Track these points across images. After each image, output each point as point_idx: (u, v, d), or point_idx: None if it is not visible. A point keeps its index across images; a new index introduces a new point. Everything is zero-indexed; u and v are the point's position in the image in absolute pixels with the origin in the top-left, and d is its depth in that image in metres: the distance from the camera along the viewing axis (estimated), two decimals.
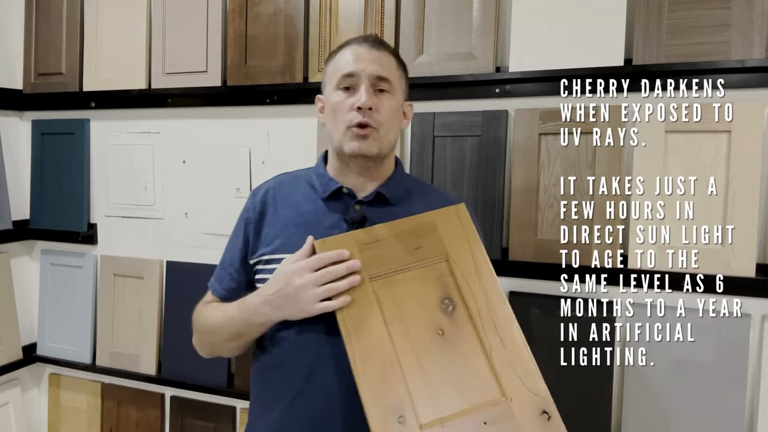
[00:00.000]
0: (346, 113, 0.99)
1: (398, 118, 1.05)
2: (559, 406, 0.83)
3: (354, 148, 0.99)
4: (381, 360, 0.85)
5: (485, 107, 1.45)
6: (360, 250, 0.92)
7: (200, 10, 1.72)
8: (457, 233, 0.96)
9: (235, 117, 1.74)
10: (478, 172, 1.45)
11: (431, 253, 0.94)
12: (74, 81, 1.89)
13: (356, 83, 1.00)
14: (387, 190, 1.05)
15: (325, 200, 1.04)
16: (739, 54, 1.23)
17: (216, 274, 1.13)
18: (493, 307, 0.90)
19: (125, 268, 1.89)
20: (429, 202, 1.04)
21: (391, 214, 1.00)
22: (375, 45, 1.02)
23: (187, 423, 1.83)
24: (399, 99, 1.05)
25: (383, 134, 1.01)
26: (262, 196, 1.08)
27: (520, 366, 0.86)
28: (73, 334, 1.96)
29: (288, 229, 1.03)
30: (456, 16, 1.47)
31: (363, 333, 0.87)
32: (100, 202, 1.94)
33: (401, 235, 0.95)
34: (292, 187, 1.09)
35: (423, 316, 0.89)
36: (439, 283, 0.92)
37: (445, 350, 0.87)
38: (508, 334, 0.88)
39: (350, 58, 1.01)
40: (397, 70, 1.05)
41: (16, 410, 1.97)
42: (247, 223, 1.07)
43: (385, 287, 0.91)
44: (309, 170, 1.12)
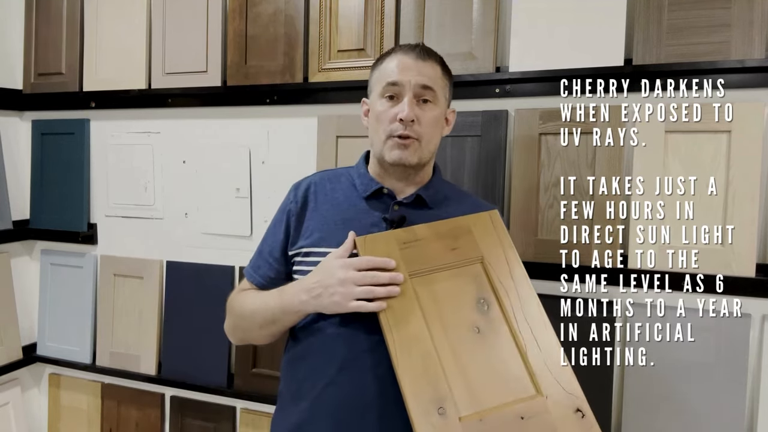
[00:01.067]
0: (388, 123, 1.02)
1: (440, 127, 1.09)
2: None
3: (395, 157, 1.02)
4: (420, 353, 0.87)
5: (485, 107, 1.45)
6: (400, 248, 0.96)
7: (200, 10, 1.72)
8: (491, 237, 1.00)
9: (235, 117, 1.74)
10: (478, 172, 1.45)
11: (467, 255, 0.97)
12: (74, 81, 1.89)
13: (400, 93, 1.02)
14: (426, 193, 1.08)
15: (366, 199, 1.07)
16: (739, 54, 1.23)
17: (253, 262, 1.15)
18: (528, 309, 0.93)
19: (125, 268, 1.89)
20: (464, 208, 1.08)
21: (428, 216, 1.04)
22: (421, 55, 1.04)
23: (187, 423, 1.83)
24: (442, 108, 1.07)
25: (424, 145, 1.04)
26: (304, 190, 1.11)
27: (555, 366, 0.88)
28: (73, 334, 1.96)
29: (328, 224, 1.06)
30: (456, 16, 1.47)
31: (403, 327, 0.89)
32: (100, 202, 1.94)
33: (439, 235, 0.98)
34: (334, 184, 1.12)
35: (460, 313, 0.92)
36: (475, 283, 0.95)
37: (482, 347, 0.90)
38: (543, 335, 0.91)
39: (395, 67, 1.03)
40: (442, 79, 1.07)
41: (16, 410, 1.97)
42: (289, 215, 1.09)
43: (423, 284, 0.94)
44: (350, 169, 1.15)
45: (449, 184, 1.19)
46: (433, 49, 1.09)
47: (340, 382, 0.97)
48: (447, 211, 1.08)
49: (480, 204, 1.14)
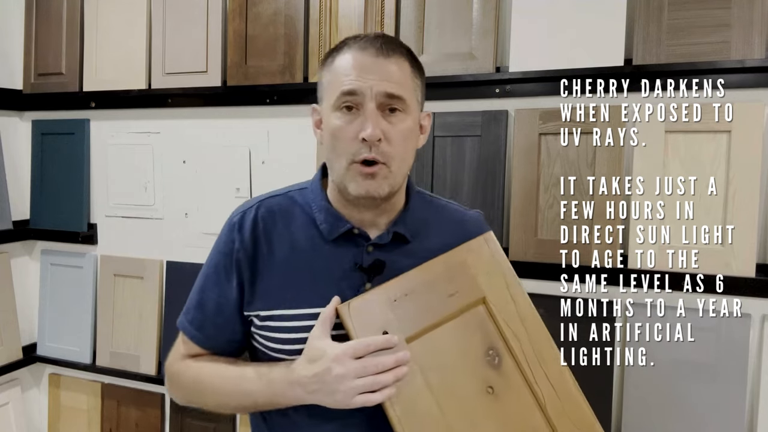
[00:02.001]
0: (348, 143, 0.81)
1: (414, 140, 0.89)
2: None
3: (359, 191, 0.82)
4: (431, 427, 0.79)
5: (485, 107, 1.45)
6: (391, 309, 0.82)
7: (200, 10, 1.72)
8: (491, 269, 0.87)
9: (235, 117, 1.74)
10: (478, 172, 1.45)
11: (467, 298, 0.85)
12: (74, 81, 1.89)
13: (359, 102, 0.81)
14: (405, 227, 0.90)
15: (332, 242, 0.88)
16: (739, 54, 1.22)
17: (191, 315, 0.92)
18: (541, 353, 0.84)
19: (125, 268, 1.89)
20: (447, 231, 0.93)
21: (409, 253, 0.88)
22: (383, 52, 0.82)
23: (187, 423, 1.83)
24: (414, 116, 0.87)
25: (395, 169, 0.84)
26: (251, 231, 0.89)
27: (578, 417, 0.81)
28: (73, 334, 1.96)
29: (291, 278, 0.87)
30: (456, 16, 1.47)
31: (410, 408, 0.78)
32: (100, 202, 1.94)
33: (432, 282, 0.85)
34: (287, 219, 0.90)
35: (469, 374, 0.82)
36: (480, 332, 0.84)
37: (498, 408, 0.81)
38: (561, 381, 0.83)
39: (351, 69, 0.81)
40: (413, 79, 0.86)
41: (16, 410, 1.96)
42: (239, 266, 0.88)
43: (424, 348, 0.82)
44: (304, 194, 0.93)
45: (426, 198, 0.99)
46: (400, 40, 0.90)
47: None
48: (430, 241, 0.91)
49: (464, 217, 0.98)
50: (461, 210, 1.01)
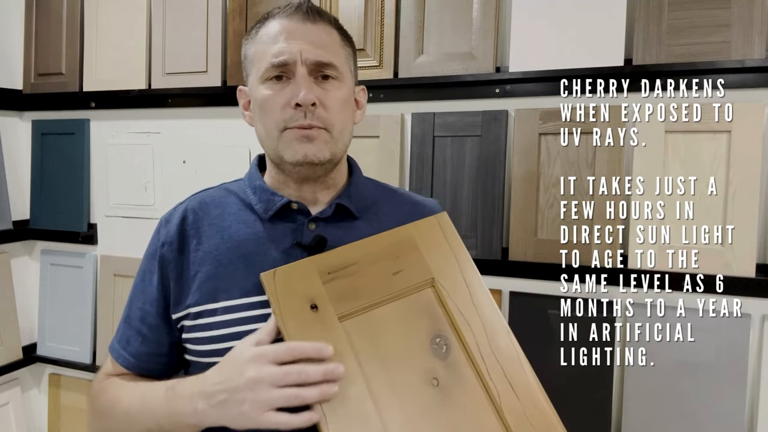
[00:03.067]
0: (280, 111, 0.76)
1: (350, 110, 0.83)
2: (559, 406, 0.83)
3: (298, 155, 0.76)
4: (361, 426, 0.66)
5: (485, 107, 1.45)
6: (324, 281, 0.73)
7: (200, 10, 1.72)
8: (443, 249, 0.78)
9: (235, 117, 1.74)
10: (478, 172, 1.45)
11: (414, 278, 0.76)
12: (74, 81, 1.89)
13: (289, 71, 0.76)
14: (350, 200, 0.83)
15: (269, 221, 0.81)
16: (739, 54, 1.23)
17: (121, 333, 0.84)
18: (496, 341, 0.73)
19: (125, 268, 1.89)
20: (400, 211, 0.86)
21: (355, 230, 0.81)
22: (309, 17, 0.78)
23: None
24: (348, 86, 0.81)
25: (336, 135, 0.78)
26: (178, 224, 0.82)
27: (539, 419, 0.70)
28: (73, 334, 1.96)
29: (222, 266, 0.78)
30: (456, 16, 1.47)
31: (339, 401, 0.65)
32: (100, 202, 1.94)
33: (374, 257, 0.76)
34: (220, 209, 0.83)
35: (411, 362, 0.71)
36: (427, 317, 0.74)
37: (443, 405, 0.69)
38: (519, 377, 0.72)
39: (278, 37, 0.76)
40: (343, 47, 0.81)
41: (16, 410, 1.96)
42: (164, 263, 0.81)
43: (360, 328, 0.71)
44: (239, 183, 0.88)
45: (373, 181, 0.92)
46: (324, 10, 0.83)
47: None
48: (379, 219, 0.83)
49: (419, 202, 0.91)
50: (417, 196, 0.95)
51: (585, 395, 1.34)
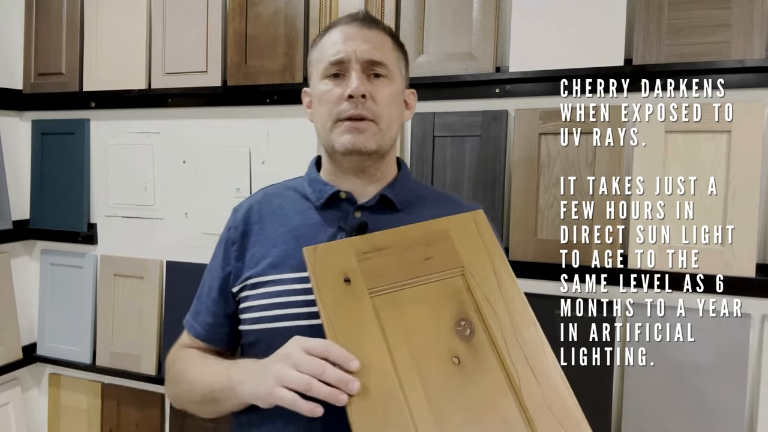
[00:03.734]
0: (334, 104, 0.85)
1: (399, 107, 0.91)
2: None
3: (347, 143, 0.84)
4: (383, 396, 0.68)
5: (485, 107, 1.45)
6: (359, 259, 0.78)
7: (200, 10, 1.72)
8: (475, 243, 0.82)
9: (235, 117, 1.74)
10: (478, 172, 1.45)
11: (444, 265, 0.79)
12: (74, 81, 1.89)
13: (345, 69, 0.86)
14: (393, 192, 0.91)
15: (320, 209, 0.91)
16: (739, 54, 1.23)
17: (193, 308, 0.97)
18: (521, 331, 0.74)
19: (125, 268, 1.89)
20: (442, 210, 0.90)
21: (397, 221, 0.86)
22: (366, 23, 0.88)
23: (187, 423, 1.83)
24: (398, 85, 0.90)
25: (384, 128, 0.86)
26: (244, 213, 0.94)
27: (559, 406, 0.70)
28: (73, 334, 1.96)
29: (278, 246, 0.88)
30: (456, 16, 1.47)
31: (361, 363, 0.70)
32: (100, 202, 1.94)
33: (408, 242, 0.80)
34: (281, 199, 0.95)
35: (435, 340, 0.74)
36: (454, 301, 0.77)
37: (462, 383, 0.71)
38: (541, 364, 0.72)
39: (337, 40, 0.87)
40: (395, 51, 0.91)
41: (16, 410, 1.96)
42: (228, 245, 0.93)
43: (388, 305, 0.75)
44: (299, 179, 0.99)
45: (421, 182, 1.02)
46: (381, 20, 0.94)
47: None
48: (421, 214, 0.89)
49: (463, 205, 0.97)
50: (460, 199, 1.03)
51: (585, 395, 1.34)
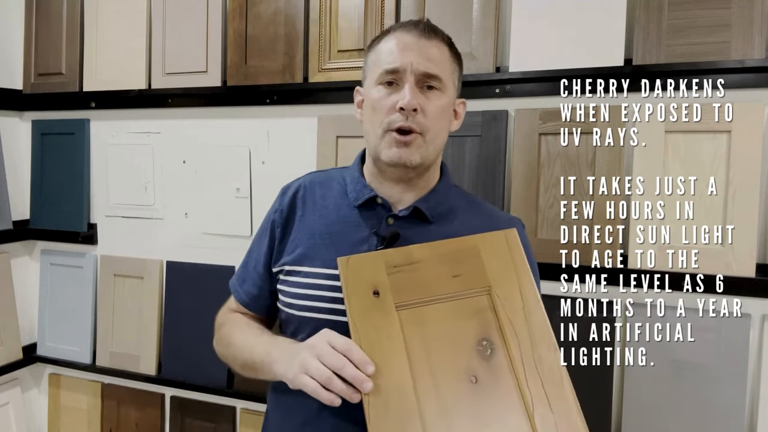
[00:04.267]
0: (386, 113, 0.87)
1: (447, 119, 0.93)
2: None
3: (393, 157, 0.87)
4: (399, 407, 0.72)
5: (485, 107, 1.45)
6: (389, 272, 0.81)
7: (200, 10, 1.72)
8: (505, 262, 0.83)
9: (235, 117, 1.74)
10: (478, 172, 1.45)
11: (471, 284, 0.81)
12: (74, 81, 1.89)
13: (400, 78, 0.87)
14: (427, 205, 0.93)
15: (357, 209, 0.94)
16: (739, 54, 1.23)
17: (239, 273, 1.04)
18: (540, 354, 0.76)
19: (125, 268, 1.89)
20: (474, 224, 0.92)
21: (428, 233, 0.89)
22: (425, 33, 0.89)
23: (187, 423, 1.83)
24: (450, 97, 0.92)
25: (429, 141, 0.88)
26: (291, 197, 0.99)
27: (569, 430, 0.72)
28: (73, 334, 1.96)
29: (314, 238, 0.93)
30: (456, 16, 1.47)
31: (382, 373, 0.74)
32: (100, 202, 1.94)
33: (439, 258, 0.82)
34: (324, 190, 0.98)
35: (455, 357, 0.76)
36: (477, 320, 0.79)
37: (478, 402, 0.73)
38: (557, 390, 0.74)
39: (394, 48, 0.88)
40: (451, 63, 0.92)
41: (16, 410, 1.97)
42: (274, 226, 0.98)
43: (413, 319, 0.78)
44: (344, 170, 1.02)
45: (459, 190, 1.03)
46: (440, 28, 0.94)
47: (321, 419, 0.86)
48: (453, 227, 0.92)
49: (497, 217, 0.98)
50: (498, 211, 1.05)
51: (585, 395, 1.34)
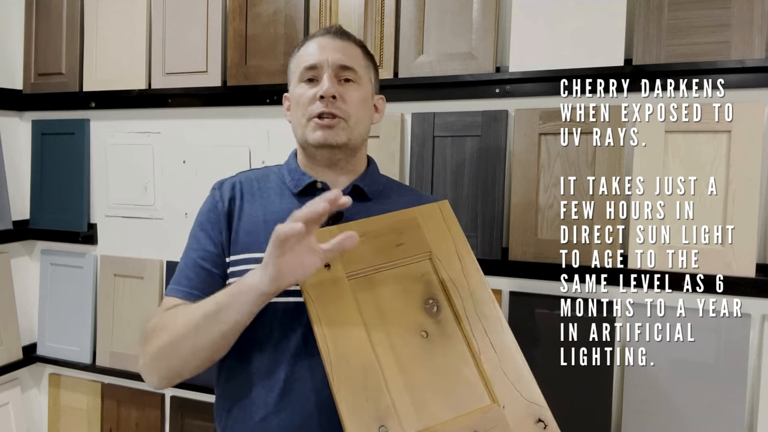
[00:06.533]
0: (308, 104, 0.94)
1: (368, 109, 1.01)
2: (558, 406, 0.83)
3: (318, 138, 0.93)
4: (360, 365, 0.78)
5: (485, 107, 1.45)
6: None
7: (200, 10, 1.72)
8: (441, 230, 0.91)
9: (235, 117, 1.74)
10: (478, 172, 1.45)
11: (413, 251, 0.88)
12: (74, 81, 1.89)
13: (319, 74, 0.95)
14: (364, 183, 1.00)
15: (298, 196, 0.98)
16: (739, 54, 1.23)
17: (175, 280, 0.97)
18: (482, 308, 0.84)
19: (125, 268, 1.89)
20: (408, 200, 1.00)
21: (368, 210, 0.95)
22: (339, 35, 0.99)
23: (187, 423, 1.83)
24: (367, 89, 1.00)
25: (352, 125, 0.95)
26: (230, 189, 1.00)
27: (513, 371, 0.80)
28: (73, 334, 1.96)
29: (257, 225, 0.95)
30: (456, 16, 1.47)
31: (340, 336, 0.79)
32: (100, 202, 1.94)
33: (381, 231, 0.89)
34: (262, 183, 1.02)
35: (405, 317, 0.83)
36: (422, 282, 0.86)
37: (430, 354, 0.81)
38: (498, 337, 0.82)
39: (313, 49, 0.97)
40: (364, 59, 1.01)
41: (16, 410, 1.97)
42: (219, 216, 0.97)
43: (364, 286, 0.85)
44: (279, 166, 1.07)
45: (388, 177, 1.10)
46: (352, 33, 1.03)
47: (283, 408, 0.88)
48: (389, 203, 0.99)
49: (425, 197, 1.07)
50: (426, 194, 1.14)
51: (585, 395, 1.34)
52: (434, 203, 0.94)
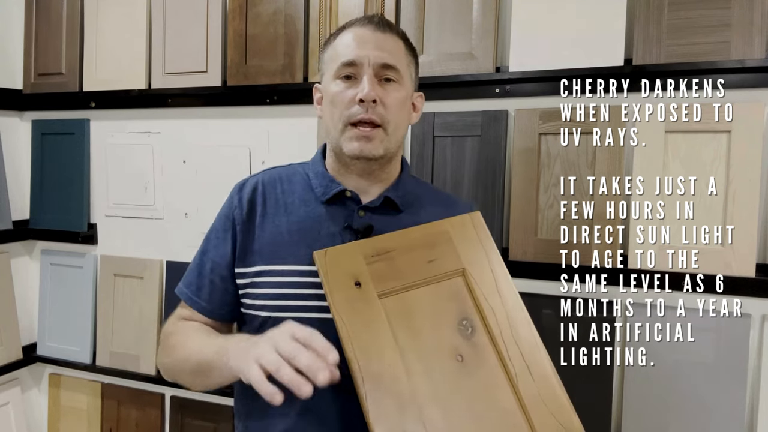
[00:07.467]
0: (346, 106, 0.87)
1: (407, 111, 0.94)
2: None
3: (355, 150, 0.87)
4: (393, 388, 0.74)
5: (485, 107, 1.45)
6: (368, 262, 0.83)
7: (200, 10, 1.72)
8: (473, 244, 0.87)
9: (235, 117, 1.74)
10: (478, 172, 1.45)
11: (446, 267, 0.85)
12: (74, 81, 1.89)
13: (358, 72, 0.87)
14: (396, 194, 0.94)
15: (325, 204, 0.92)
16: (739, 54, 1.23)
17: (189, 281, 0.95)
18: (517, 329, 0.81)
19: (125, 268, 1.89)
20: (440, 209, 0.95)
21: (398, 222, 0.91)
22: (380, 27, 0.90)
23: (187, 423, 1.83)
24: (408, 89, 0.93)
25: (390, 133, 0.89)
26: (250, 193, 0.94)
27: (551, 398, 0.77)
28: (73, 334, 1.96)
29: (282, 235, 0.90)
30: (456, 16, 1.47)
31: (372, 357, 0.75)
32: (100, 202, 1.94)
33: (412, 245, 0.85)
34: (286, 186, 0.96)
35: (439, 338, 0.80)
36: (455, 301, 0.83)
37: (465, 379, 0.77)
38: (536, 361, 0.79)
39: (351, 42, 0.88)
40: (406, 56, 0.93)
41: (16, 410, 1.96)
42: (235, 223, 0.93)
43: (396, 306, 0.81)
44: (305, 166, 1.00)
45: (420, 181, 1.06)
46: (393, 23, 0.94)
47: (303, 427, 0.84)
48: (420, 214, 0.94)
49: (457, 202, 1.02)
50: (454, 196, 1.09)
51: (585, 395, 1.34)
52: (465, 215, 0.90)
